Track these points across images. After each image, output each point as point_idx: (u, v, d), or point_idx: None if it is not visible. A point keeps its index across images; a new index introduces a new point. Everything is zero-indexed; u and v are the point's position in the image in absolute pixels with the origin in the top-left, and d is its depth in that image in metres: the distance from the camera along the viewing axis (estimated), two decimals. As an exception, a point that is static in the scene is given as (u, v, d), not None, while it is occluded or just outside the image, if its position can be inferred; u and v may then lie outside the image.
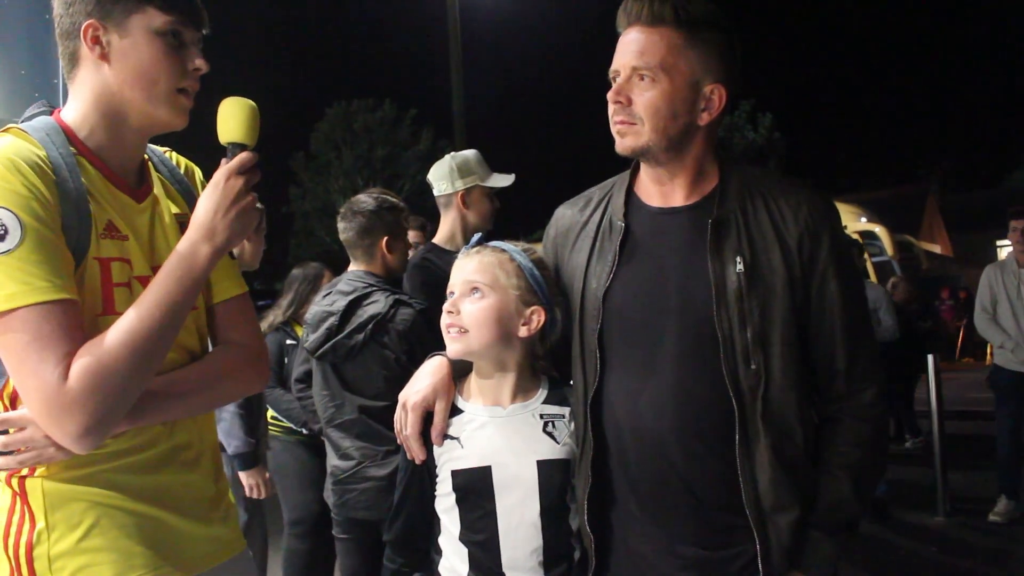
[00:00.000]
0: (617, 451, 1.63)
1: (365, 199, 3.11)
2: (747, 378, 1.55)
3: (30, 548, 1.37)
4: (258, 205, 1.49)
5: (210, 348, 1.63)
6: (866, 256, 9.56)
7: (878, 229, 15.55)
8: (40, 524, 1.38)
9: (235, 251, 1.67)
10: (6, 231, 1.29)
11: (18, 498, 1.39)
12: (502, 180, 3.29)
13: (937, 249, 25.86)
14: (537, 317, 1.68)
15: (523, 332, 1.67)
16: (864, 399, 1.62)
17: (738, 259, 1.58)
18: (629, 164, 1.76)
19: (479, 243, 1.74)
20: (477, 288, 1.67)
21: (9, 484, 1.40)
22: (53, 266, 1.31)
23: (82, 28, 1.43)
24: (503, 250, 1.71)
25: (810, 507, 1.59)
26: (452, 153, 3.34)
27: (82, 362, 1.29)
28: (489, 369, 1.71)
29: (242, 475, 3.61)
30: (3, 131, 1.43)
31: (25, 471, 1.39)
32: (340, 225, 3.10)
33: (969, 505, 5.72)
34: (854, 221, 14.92)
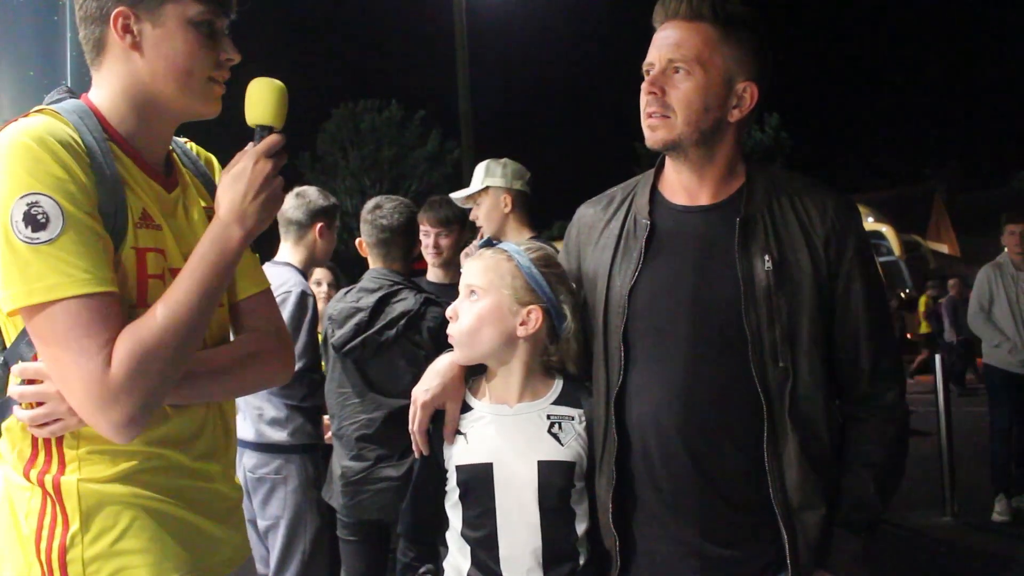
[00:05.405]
0: (641, 449, 1.62)
1: (397, 200, 3.14)
2: (775, 376, 1.55)
3: (63, 552, 1.31)
4: (333, 199, 1.45)
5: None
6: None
7: (885, 229, 15.53)
8: (74, 526, 1.31)
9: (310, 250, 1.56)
10: (47, 219, 1.22)
11: (50, 499, 1.32)
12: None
13: (944, 249, 25.77)
14: (535, 316, 1.66)
15: (521, 332, 1.66)
16: (887, 400, 1.64)
17: (766, 257, 1.58)
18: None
19: (487, 244, 1.75)
20: (475, 290, 1.68)
21: (41, 484, 1.32)
22: (94, 257, 1.25)
23: (111, 15, 1.36)
24: (503, 250, 1.71)
25: (835, 505, 1.59)
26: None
27: (125, 348, 1.24)
28: (494, 369, 1.71)
29: None
30: (35, 111, 1.35)
31: (55, 470, 1.33)
32: (382, 222, 3.05)
33: (977, 506, 5.69)
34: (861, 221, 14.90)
